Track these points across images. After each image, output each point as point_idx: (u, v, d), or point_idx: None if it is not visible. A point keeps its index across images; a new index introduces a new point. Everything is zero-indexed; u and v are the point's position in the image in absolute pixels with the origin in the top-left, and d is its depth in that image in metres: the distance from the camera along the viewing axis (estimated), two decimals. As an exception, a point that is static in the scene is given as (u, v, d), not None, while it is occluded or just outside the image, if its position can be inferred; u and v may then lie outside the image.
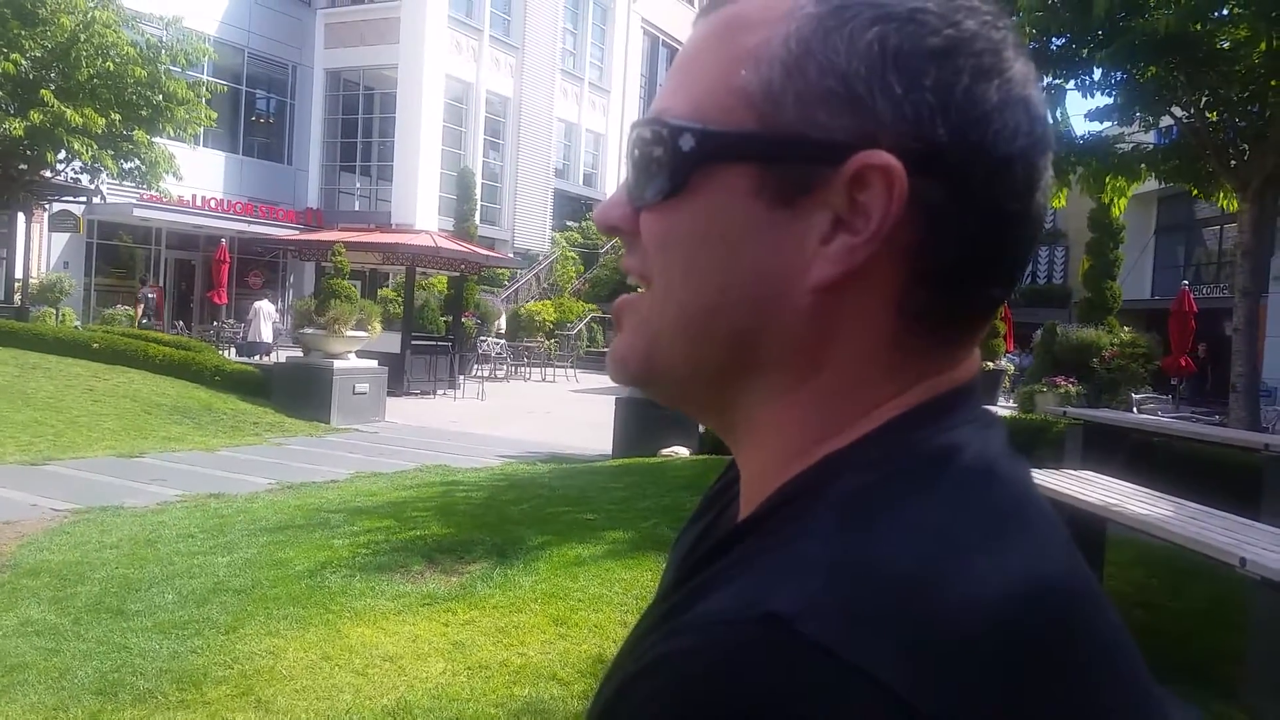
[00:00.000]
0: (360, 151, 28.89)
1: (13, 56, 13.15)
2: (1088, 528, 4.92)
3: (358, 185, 29.58)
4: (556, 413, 15.69)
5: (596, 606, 4.50)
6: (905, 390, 0.48)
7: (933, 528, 0.43)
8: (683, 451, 9.46)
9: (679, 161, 0.48)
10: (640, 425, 9.72)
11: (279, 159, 27.98)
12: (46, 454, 8.79)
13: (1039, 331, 15.93)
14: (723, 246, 0.48)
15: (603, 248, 31.85)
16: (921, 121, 0.45)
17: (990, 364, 19.60)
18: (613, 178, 35.85)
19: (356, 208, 28.92)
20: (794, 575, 0.41)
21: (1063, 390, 13.42)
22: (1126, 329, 14.89)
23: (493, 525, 6.17)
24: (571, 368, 22.72)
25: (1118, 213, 12.55)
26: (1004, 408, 16.39)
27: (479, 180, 27.44)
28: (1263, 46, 8.59)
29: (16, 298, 17.00)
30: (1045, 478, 5.19)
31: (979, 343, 0.52)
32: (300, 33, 27.86)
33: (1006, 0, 8.55)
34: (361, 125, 28.69)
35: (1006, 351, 22.24)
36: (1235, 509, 4.68)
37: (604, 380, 21.59)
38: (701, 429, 9.10)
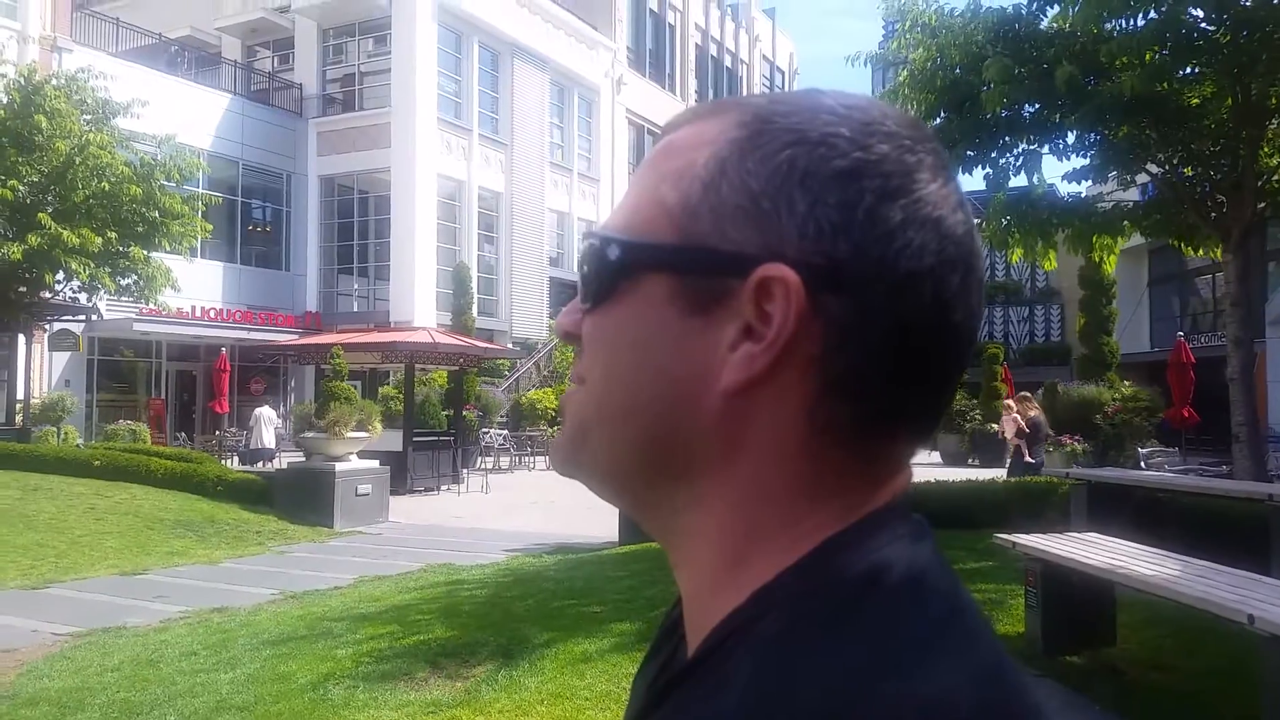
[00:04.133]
0: (357, 253, 29.29)
1: (10, 183, 13.44)
2: (1097, 591, 4.86)
3: (355, 286, 29.91)
4: (561, 501, 15.56)
5: (604, 705, 4.41)
6: (825, 504, 0.49)
7: (849, 664, 0.43)
8: (689, 535, 9.37)
9: (607, 269, 0.51)
10: (644, 511, 9.64)
11: (277, 266, 28.33)
12: (48, 577, 8.72)
13: (1040, 391, 15.94)
14: (639, 350, 0.50)
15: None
16: (823, 237, 0.47)
17: (994, 426, 19.53)
18: (606, 263, 36.16)
19: (355, 309, 29.19)
20: None
21: (1069, 449, 13.37)
22: (1127, 383, 14.90)
23: (498, 624, 6.09)
24: (575, 454, 22.55)
25: (1109, 269, 12.68)
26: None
27: (475, 274, 27.75)
28: (1229, 101, 8.80)
29: (18, 419, 17.04)
30: (1051, 543, 5.13)
31: (912, 456, 0.52)
32: (293, 142, 28.49)
33: (975, 73, 8.79)
34: (357, 228, 29.14)
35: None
36: (1245, 562, 4.63)
37: (608, 465, 21.45)
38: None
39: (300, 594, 7.93)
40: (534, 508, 14.69)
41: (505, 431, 22.95)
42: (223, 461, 17.67)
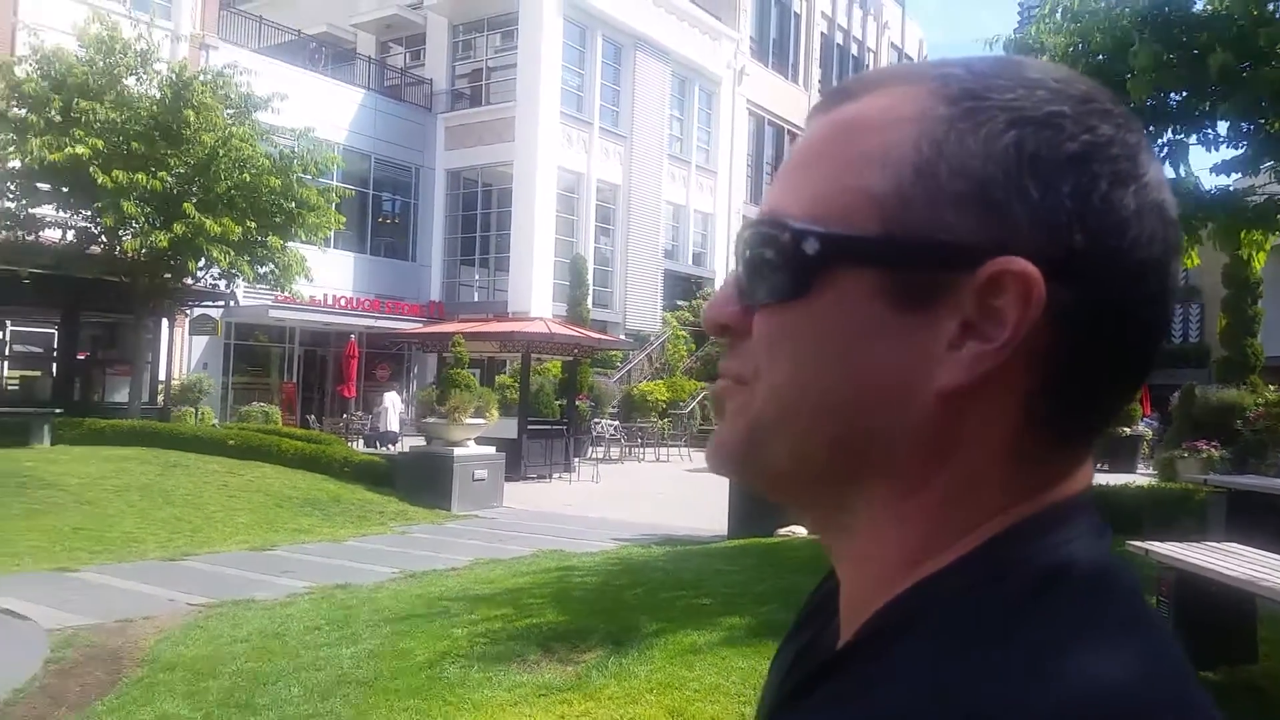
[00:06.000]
0: (479, 245, 30.00)
1: (160, 175, 14.23)
2: (1237, 604, 4.57)
3: (476, 277, 30.65)
4: (670, 493, 15.61)
5: (713, 698, 4.38)
6: (1020, 502, 0.46)
7: (1022, 665, 0.40)
8: (800, 531, 9.24)
9: (801, 264, 0.47)
10: (755, 504, 9.56)
11: (404, 256, 29.28)
12: (184, 549, 9.21)
13: (1176, 394, 15.10)
14: (841, 348, 0.47)
15: (721, 337, 31.91)
16: (1058, 227, 0.44)
17: (1127, 429, 18.66)
18: (721, 256, 36.12)
19: (476, 299, 29.91)
20: None
21: (1205, 455, 12.63)
22: (1272, 387, 13.97)
23: (607, 612, 6.12)
24: (685, 447, 22.65)
25: (1258, 267, 11.91)
26: (1142, 475, 15.52)
27: (591, 266, 28.08)
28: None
29: (159, 399, 18.06)
30: (1188, 552, 4.85)
31: (1094, 450, 0.50)
32: (422, 136, 29.37)
33: (1120, 60, 8.35)
34: (480, 220, 29.84)
35: (1143, 416, 21.16)
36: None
37: (720, 459, 21.41)
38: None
39: (419, 573, 8.16)
40: (643, 498, 14.75)
41: (616, 422, 23.13)
42: (349, 444, 18.36)
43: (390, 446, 18.41)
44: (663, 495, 15.24)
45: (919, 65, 0.50)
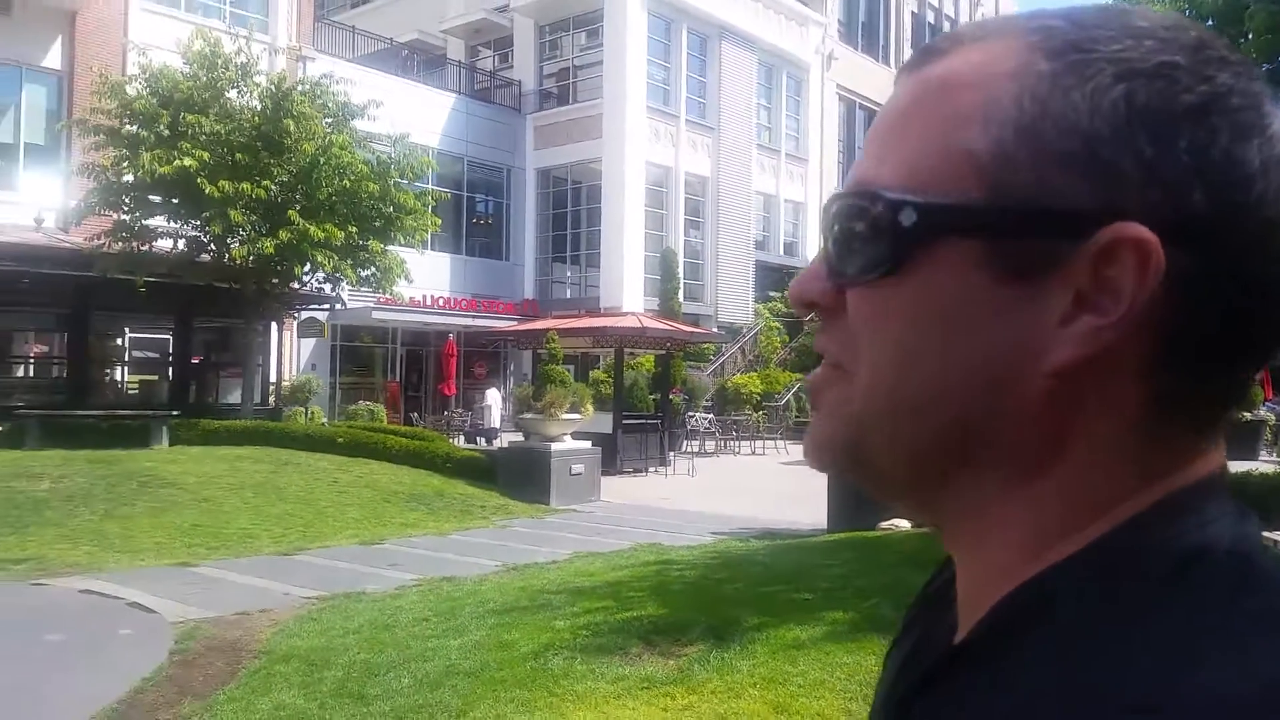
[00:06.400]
0: (570, 242, 30.30)
1: (264, 184, 14.76)
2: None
3: (568, 274, 30.96)
4: (767, 486, 15.49)
5: (818, 693, 4.32)
6: (1149, 484, 0.42)
7: (1175, 646, 0.37)
8: (903, 524, 9.06)
9: (897, 237, 0.44)
10: (856, 497, 9.40)
11: (498, 256, 29.79)
12: (297, 544, 9.54)
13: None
14: (944, 327, 0.44)
15: (808, 315, 31.55)
16: (1175, 187, 0.40)
17: (1248, 414, 17.78)
18: (813, 245, 35.64)
19: (568, 295, 30.22)
20: None
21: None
22: None
23: (707, 605, 6.11)
24: (780, 439, 22.46)
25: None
26: (1265, 462, 14.75)
27: (681, 259, 28.11)
28: None
29: (271, 399, 18.77)
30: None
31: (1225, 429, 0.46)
32: (512, 137, 29.81)
33: (1234, 23, 7.94)
34: (570, 217, 30.13)
35: (1265, 400, 20.17)
36: None
37: (817, 451, 21.18)
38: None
39: (521, 566, 8.29)
40: (739, 492, 14.67)
41: (710, 415, 23.07)
42: (450, 440, 18.77)
43: (491, 442, 18.75)
44: (759, 489, 15.14)
45: (1015, 17, 0.46)
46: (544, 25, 30.70)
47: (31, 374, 19.82)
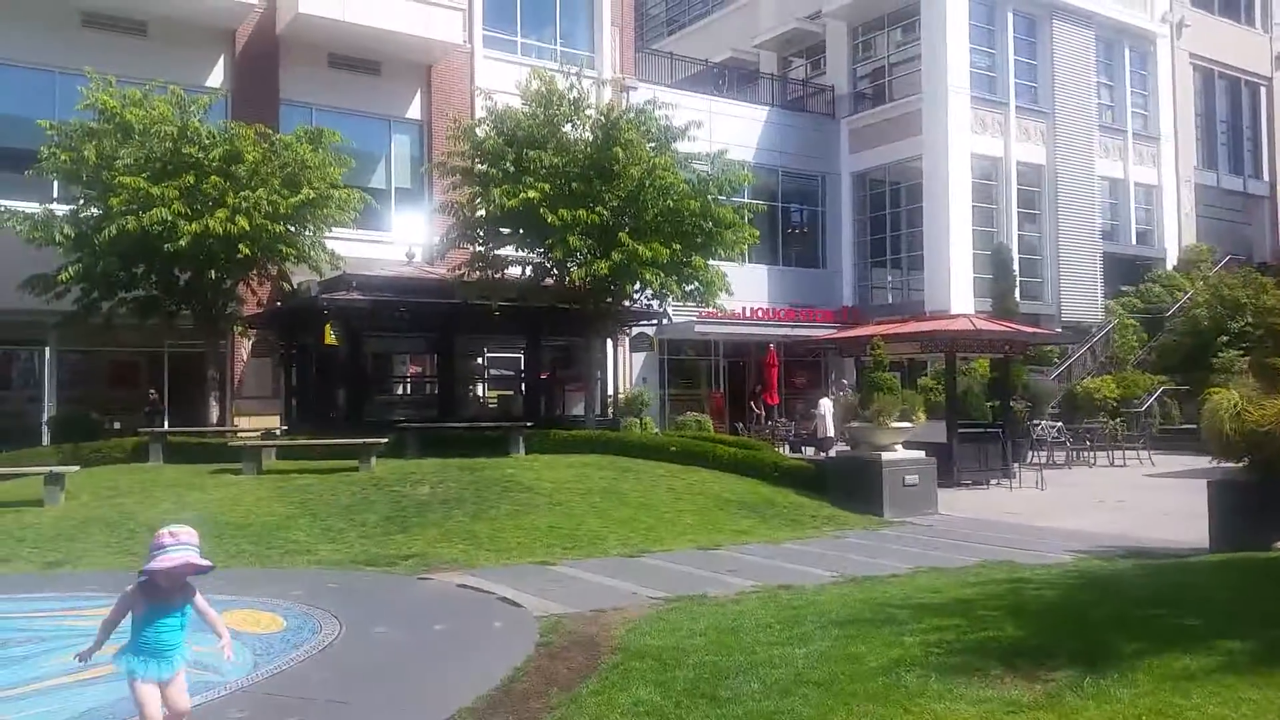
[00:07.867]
0: (889, 245, 29.48)
1: (597, 209, 15.69)
2: None
3: (889, 278, 30.11)
4: (1130, 501, 14.04)
5: (1223, 732, 3.80)
6: None
7: None
8: (1309, 544, 7.82)
9: None
10: (1244, 513, 8.27)
11: (814, 264, 29.63)
12: (641, 547, 9.97)
13: None
14: None
15: (1168, 310, 28.40)
16: None
17: None
18: (1171, 232, 32.01)
19: (890, 300, 29.39)
20: None
21: None
22: None
23: (1073, 628, 5.61)
24: (1144, 449, 20.31)
25: None
26: None
27: (1016, 255, 26.41)
28: None
29: (609, 411, 19.83)
30: None
31: None
32: (825, 143, 29.57)
33: None
34: (889, 220, 29.34)
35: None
36: None
37: (1185, 462, 18.90)
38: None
39: (859, 578, 8.10)
40: (1099, 507, 13.42)
41: (1058, 423, 21.34)
42: (776, 449, 18.85)
43: (827, 452, 18.60)
44: (1123, 503, 13.77)
45: None
46: (857, 26, 30.20)
47: (409, 391, 22.40)
